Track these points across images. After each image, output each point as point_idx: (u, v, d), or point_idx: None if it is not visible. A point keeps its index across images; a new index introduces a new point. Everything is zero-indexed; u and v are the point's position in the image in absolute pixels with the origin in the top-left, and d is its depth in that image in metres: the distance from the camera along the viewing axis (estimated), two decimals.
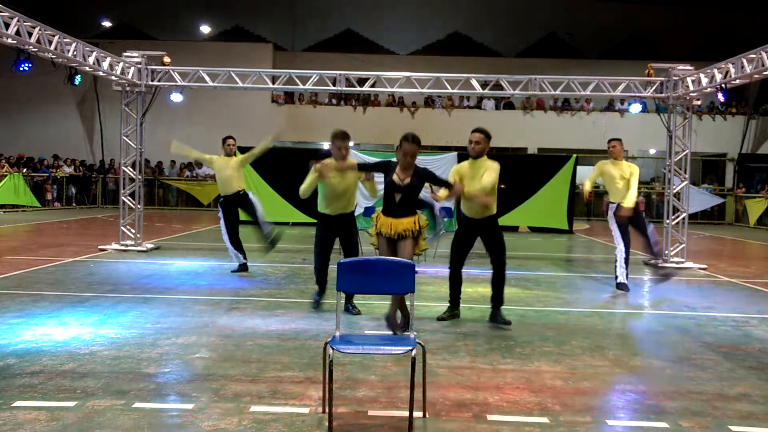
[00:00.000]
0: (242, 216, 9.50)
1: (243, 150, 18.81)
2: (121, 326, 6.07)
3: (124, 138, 12.17)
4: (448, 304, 6.84)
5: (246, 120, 26.96)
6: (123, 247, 11.80)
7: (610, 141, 9.00)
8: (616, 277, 8.80)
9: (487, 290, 6.81)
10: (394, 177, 5.98)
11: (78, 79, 10.86)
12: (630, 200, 8.41)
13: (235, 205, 9.45)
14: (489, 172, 6.36)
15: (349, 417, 4.00)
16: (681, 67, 11.62)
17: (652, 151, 28.11)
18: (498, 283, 6.60)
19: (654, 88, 11.91)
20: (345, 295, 6.72)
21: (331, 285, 6.91)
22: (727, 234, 19.92)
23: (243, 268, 9.51)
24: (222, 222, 9.51)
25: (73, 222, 18.21)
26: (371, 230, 6.16)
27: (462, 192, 6.26)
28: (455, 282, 6.78)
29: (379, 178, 6.32)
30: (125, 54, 11.77)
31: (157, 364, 4.96)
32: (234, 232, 9.46)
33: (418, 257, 6.24)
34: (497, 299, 6.60)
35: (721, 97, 11.50)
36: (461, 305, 6.90)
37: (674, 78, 11.61)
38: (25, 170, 22.28)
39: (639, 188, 8.88)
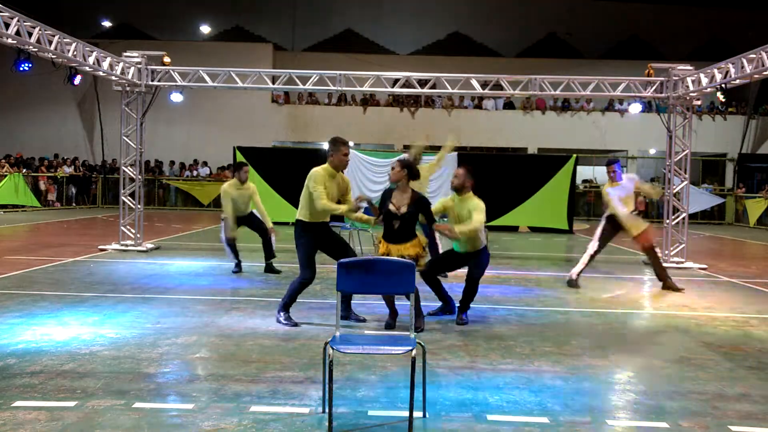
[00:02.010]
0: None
1: (244, 150, 18.93)
2: (121, 326, 6.07)
3: (124, 138, 12.16)
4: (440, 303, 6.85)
5: (246, 120, 26.99)
6: (123, 247, 11.80)
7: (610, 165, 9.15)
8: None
9: (487, 290, 6.83)
10: (391, 206, 6.11)
11: (78, 79, 10.85)
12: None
13: (243, 222, 9.61)
14: (477, 212, 6.33)
15: (349, 417, 4.00)
16: (681, 67, 11.62)
17: (652, 151, 28.12)
18: (467, 291, 6.61)
19: (654, 88, 11.91)
20: (345, 305, 6.43)
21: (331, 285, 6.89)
22: (727, 234, 19.92)
23: (239, 267, 9.57)
24: (224, 224, 9.56)
25: (73, 222, 18.21)
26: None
27: (452, 235, 6.27)
28: (435, 283, 6.75)
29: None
30: (125, 54, 11.77)
31: (157, 364, 4.96)
32: (235, 242, 9.59)
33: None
34: (464, 303, 6.63)
35: (721, 97, 11.50)
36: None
37: (674, 78, 11.61)
38: (25, 170, 22.28)
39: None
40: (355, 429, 3.85)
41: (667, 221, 11.87)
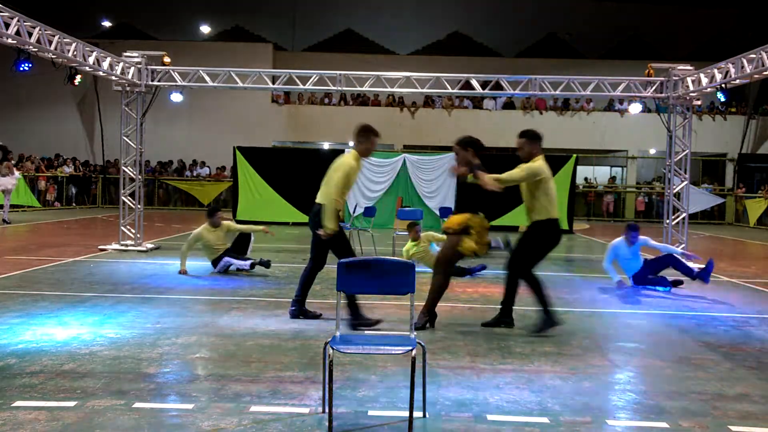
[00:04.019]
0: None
1: (244, 150, 18.89)
2: (121, 326, 6.07)
3: (124, 138, 12.17)
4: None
5: (246, 120, 26.98)
6: (123, 247, 11.80)
7: None
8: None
9: (488, 290, 6.83)
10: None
11: (78, 79, 10.85)
12: None
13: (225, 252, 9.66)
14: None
15: (349, 417, 4.00)
16: (681, 67, 11.62)
17: (652, 151, 28.11)
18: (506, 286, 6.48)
19: (654, 88, 11.91)
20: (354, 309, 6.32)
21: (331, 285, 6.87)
22: (727, 234, 19.92)
23: (262, 264, 9.60)
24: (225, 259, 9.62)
25: (73, 222, 18.21)
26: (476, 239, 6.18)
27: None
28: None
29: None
30: (125, 54, 11.77)
31: (157, 364, 4.96)
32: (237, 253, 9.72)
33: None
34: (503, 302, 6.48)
35: (721, 97, 11.49)
36: (464, 305, 6.88)
37: (674, 78, 11.61)
38: (37, 166, 22.31)
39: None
40: (355, 429, 3.85)
41: (667, 221, 11.87)
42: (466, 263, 9.74)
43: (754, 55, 9.64)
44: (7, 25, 8.61)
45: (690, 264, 9.20)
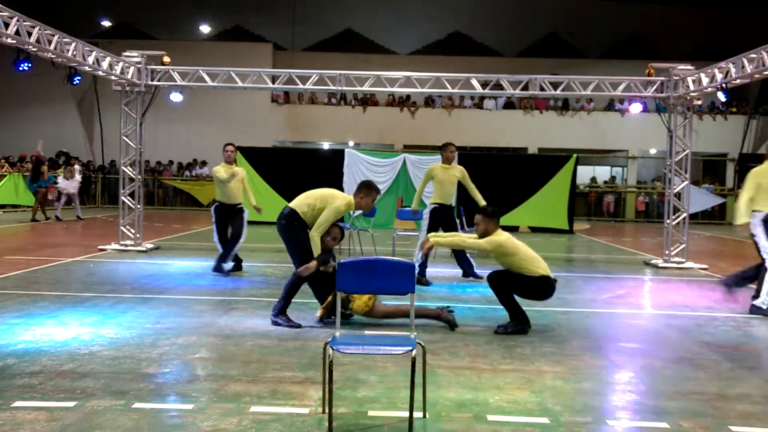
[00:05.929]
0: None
1: (244, 150, 18.90)
2: (121, 326, 6.07)
3: (124, 138, 12.16)
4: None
5: (246, 120, 26.99)
6: (123, 247, 11.79)
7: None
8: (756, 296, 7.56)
9: (488, 289, 6.78)
10: None
11: (77, 79, 10.84)
12: None
13: (228, 215, 9.48)
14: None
15: (349, 417, 3.99)
16: (681, 66, 11.60)
17: (653, 151, 28.12)
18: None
19: (654, 87, 11.89)
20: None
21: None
22: (728, 234, 19.91)
23: (238, 267, 9.52)
24: (214, 225, 9.56)
25: (73, 222, 18.20)
26: None
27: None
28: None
29: None
30: (125, 54, 11.75)
31: (157, 364, 4.96)
32: (224, 234, 9.51)
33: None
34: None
35: (721, 97, 11.48)
36: (464, 305, 6.86)
37: (675, 78, 11.60)
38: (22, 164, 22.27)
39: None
40: (355, 429, 3.84)
41: (668, 221, 11.85)
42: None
43: (754, 55, 9.63)
44: (7, 25, 8.60)
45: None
